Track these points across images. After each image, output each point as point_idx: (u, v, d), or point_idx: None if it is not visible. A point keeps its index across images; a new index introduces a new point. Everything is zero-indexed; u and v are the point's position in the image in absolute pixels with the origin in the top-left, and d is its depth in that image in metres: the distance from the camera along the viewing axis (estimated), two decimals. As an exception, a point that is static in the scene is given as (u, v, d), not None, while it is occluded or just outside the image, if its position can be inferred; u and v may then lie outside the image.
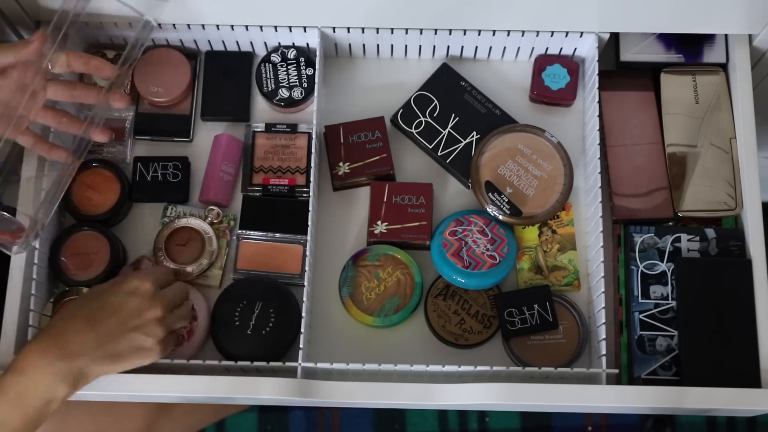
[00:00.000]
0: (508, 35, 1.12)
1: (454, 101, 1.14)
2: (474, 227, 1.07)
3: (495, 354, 1.08)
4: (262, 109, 1.17)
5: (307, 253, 1.05)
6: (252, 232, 1.10)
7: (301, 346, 1.01)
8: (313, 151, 1.09)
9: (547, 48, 1.15)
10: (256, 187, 1.12)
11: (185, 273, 1.08)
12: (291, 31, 1.12)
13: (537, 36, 1.12)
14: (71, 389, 0.92)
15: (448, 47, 1.16)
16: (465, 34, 1.12)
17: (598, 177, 1.07)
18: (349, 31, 1.12)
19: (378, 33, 1.12)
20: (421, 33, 1.12)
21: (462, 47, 1.15)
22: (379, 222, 1.09)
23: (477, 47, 1.15)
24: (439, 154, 1.12)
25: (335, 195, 1.14)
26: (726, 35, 1.13)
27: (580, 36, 1.12)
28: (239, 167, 1.14)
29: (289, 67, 1.15)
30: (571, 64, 1.15)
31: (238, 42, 1.16)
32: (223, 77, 1.16)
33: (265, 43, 1.16)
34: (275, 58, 1.15)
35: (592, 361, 1.06)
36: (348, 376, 1.05)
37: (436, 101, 1.14)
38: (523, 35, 1.12)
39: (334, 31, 1.12)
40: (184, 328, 1.05)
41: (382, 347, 1.08)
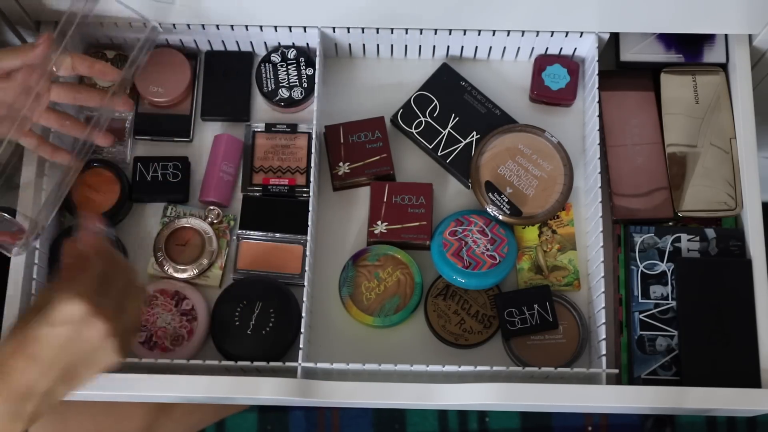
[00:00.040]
0: (508, 35, 1.12)
1: (454, 101, 1.14)
2: (474, 227, 1.07)
3: (495, 354, 1.08)
4: (262, 109, 1.17)
5: (307, 253, 1.05)
6: (252, 232, 1.10)
7: (301, 346, 1.01)
8: (313, 151, 1.09)
9: (547, 48, 1.15)
10: (256, 187, 1.12)
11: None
12: (291, 31, 1.12)
13: (537, 36, 1.12)
14: (29, 423, 0.82)
15: (448, 47, 1.15)
16: (465, 34, 1.12)
17: (598, 177, 1.07)
18: (349, 31, 1.12)
19: (378, 33, 1.12)
20: (421, 33, 1.11)
21: (462, 47, 1.15)
22: (379, 222, 1.09)
23: (477, 47, 1.15)
24: (439, 154, 1.12)
25: (335, 195, 1.14)
26: (726, 35, 1.13)
27: (580, 36, 1.12)
28: (239, 167, 1.14)
29: (289, 67, 1.15)
30: (571, 64, 1.15)
31: (238, 42, 1.16)
32: (223, 77, 1.16)
33: (265, 43, 1.16)
34: (275, 58, 1.15)
35: (592, 361, 1.06)
36: (348, 376, 1.05)
37: (436, 101, 1.14)
38: (523, 35, 1.12)
39: (334, 31, 1.12)
40: (183, 327, 1.05)
41: (382, 347, 1.08)
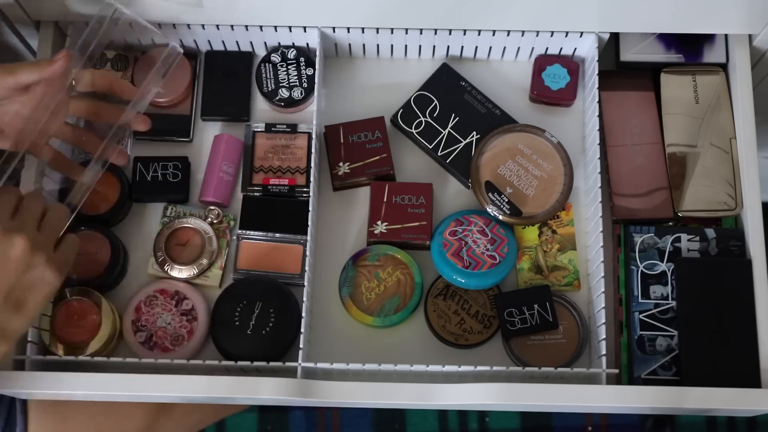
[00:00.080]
0: (508, 35, 1.12)
1: (454, 101, 1.14)
2: (474, 227, 1.07)
3: (495, 354, 1.08)
4: (262, 109, 1.17)
5: (307, 253, 1.05)
6: (252, 232, 1.10)
7: (301, 346, 1.01)
8: (313, 151, 1.09)
9: (547, 48, 1.15)
10: (256, 187, 1.12)
11: None
12: (291, 31, 1.12)
13: (537, 36, 1.12)
14: None
15: (448, 47, 1.15)
16: (465, 34, 1.12)
17: (598, 177, 1.07)
18: (349, 31, 1.12)
19: (378, 33, 1.12)
20: (421, 33, 1.12)
21: (462, 47, 1.15)
22: (379, 222, 1.09)
23: (477, 47, 1.15)
24: (439, 154, 1.12)
25: (335, 195, 1.14)
26: (726, 35, 1.13)
27: (580, 36, 1.12)
28: (239, 167, 1.14)
29: (289, 67, 1.15)
30: (571, 64, 1.15)
31: (238, 42, 1.16)
32: (223, 77, 1.16)
33: (265, 43, 1.16)
34: (275, 58, 1.15)
35: (592, 361, 1.06)
36: (348, 376, 1.05)
37: (436, 101, 1.14)
38: (523, 35, 1.12)
39: (334, 31, 1.12)
40: (183, 328, 1.05)
41: (382, 347, 1.08)
